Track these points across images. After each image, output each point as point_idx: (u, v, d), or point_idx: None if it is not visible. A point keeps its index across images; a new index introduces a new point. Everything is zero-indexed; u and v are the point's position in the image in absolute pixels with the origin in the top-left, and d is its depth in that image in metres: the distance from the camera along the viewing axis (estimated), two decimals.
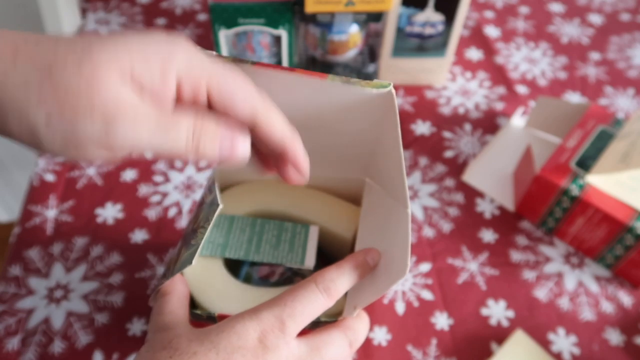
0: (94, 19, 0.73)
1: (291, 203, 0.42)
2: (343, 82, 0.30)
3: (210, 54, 0.29)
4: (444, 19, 0.58)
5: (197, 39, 0.71)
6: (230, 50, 0.60)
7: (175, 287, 0.34)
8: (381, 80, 0.31)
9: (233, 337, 0.28)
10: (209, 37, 0.71)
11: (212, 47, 0.69)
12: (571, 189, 0.47)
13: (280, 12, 0.56)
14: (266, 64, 0.31)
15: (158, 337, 0.30)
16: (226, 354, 0.28)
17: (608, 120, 0.53)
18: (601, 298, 0.48)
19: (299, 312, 0.30)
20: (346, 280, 0.33)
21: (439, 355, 0.44)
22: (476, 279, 0.49)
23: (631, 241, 0.46)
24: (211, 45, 0.69)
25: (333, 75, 0.31)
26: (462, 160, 0.58)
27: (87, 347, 0.44)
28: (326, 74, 0.31)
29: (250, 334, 0.29)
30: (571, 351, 0.45)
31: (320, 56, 0.61)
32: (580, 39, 0.73)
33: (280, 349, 0.29)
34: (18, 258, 0.49)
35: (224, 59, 0.31)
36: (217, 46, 0.58)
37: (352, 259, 0.34)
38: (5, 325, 0.45)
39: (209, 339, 0.29)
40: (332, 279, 0.32)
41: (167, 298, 0.33)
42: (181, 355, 0.28)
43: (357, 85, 0.30)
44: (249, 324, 0.29)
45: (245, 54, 0.60)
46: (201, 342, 0.28)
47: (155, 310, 0.33)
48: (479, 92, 0.65)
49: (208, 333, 0.29)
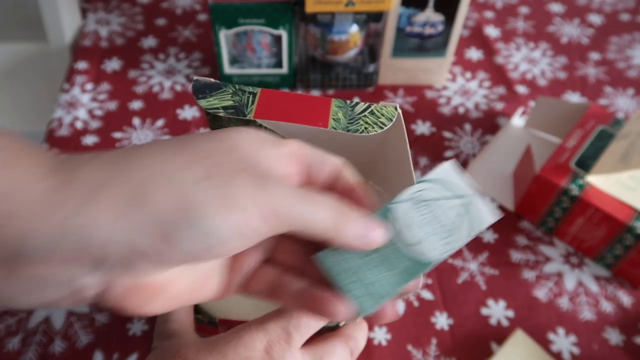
0: (94, 19, 0.73)
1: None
2: (347, 127, 0.29)
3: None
4: (444, 19, 0.58)
5: (197, 39, 0.71)
6: (231, 50, 0.60)
7: None
8: (387, 106, 0.30)
9: (240, 348, 0.29)
10: (209, 37, 0.71)
11: (212, 47, 0.69)
12: (571, 188, 0.47)
13: (280, 12, 0.56)
14: (266, 107, 0.30)
15: (166, 346, 0.30)
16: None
17: (608, 120, 0.53)
18: (601, 298, 0.48)
19: (304, 323, 0.30)
20: None
21: (439, 355, 0.44)
22: (476, 278, 0.49)
23: (631, 241, 0.46)
24: (211, 45, 0.69)
25: (336, 113, 0.30)
26: (462, 160, 0.58)
27: (87, 347, 0.44)
28: (327, 112, 0.30)
29: (257, 345, 0.29)
30: (571, 351, 0.45)
31: (320, 56, 0.61)
32: (580, 39, 0.73)
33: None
34: None
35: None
36: (218, 46, 0.59)
37: None
38: (6, 325, 0.45)
39: (217, 349, 0.29)
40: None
41: None
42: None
43: (361, 130, 0.29)
44: (255, 335, 0.29)
45: (245, 54, 0.60)
46: (209, 352, 0.29)
47: (161, 318, 0.33)
48: (479, 92, 0.65)
49: (215, 343, 0.29)
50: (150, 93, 0.64)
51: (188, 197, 0.22)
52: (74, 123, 0.60)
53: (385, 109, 0.30)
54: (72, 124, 0.60)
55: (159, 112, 0.62)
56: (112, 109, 0.62)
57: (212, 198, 0.22)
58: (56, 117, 0.61)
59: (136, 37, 0.71)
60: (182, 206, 0.22)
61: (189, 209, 0.22)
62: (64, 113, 0.61)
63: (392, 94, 0.65)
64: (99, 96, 0.63)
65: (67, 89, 0.64)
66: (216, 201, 0.22)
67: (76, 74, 0.65)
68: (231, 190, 0.23)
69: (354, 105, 0.30)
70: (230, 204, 0.22)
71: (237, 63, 0.61)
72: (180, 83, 0.65)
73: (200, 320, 0.34)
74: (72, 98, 0.63)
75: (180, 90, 0.64)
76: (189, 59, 0.68)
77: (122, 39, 0.70)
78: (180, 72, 0.66)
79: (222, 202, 0.22)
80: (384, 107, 0.30)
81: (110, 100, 0.63)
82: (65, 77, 0.66)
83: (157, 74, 0.66)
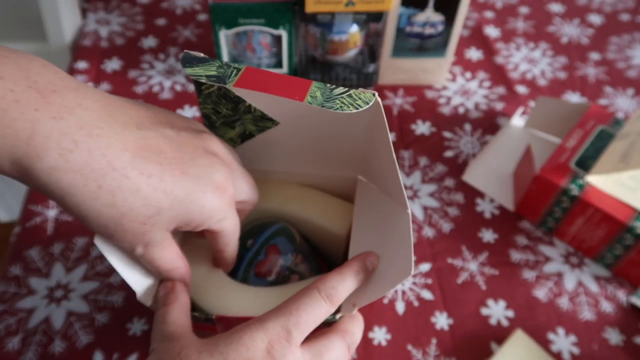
0: (94, 19, 0.73)
1: (284, 200, 0.42)
2: (322, 103, 0.30)
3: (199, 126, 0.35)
4: (444, 19, 0.58)
5: (197, 39, 0.71)
6: (230, 50, 0.60)
7: (177, 297, 0.34)
8: (365, 92, 0.30)
9: (241, 348, 0.29)
10: (209, 37, 0.71)
11: (212, 47, 0.69)
12: (571, 188, 0.47)
13: (280, 12, 0.56)
14: (248, 79, 0.31)
15: (165, 348, 0.30)
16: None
17: (608, 120, 0.53)
18: (601, 298, 0.48)
19: (303, 321, 0.31)
20: (347, 285, 0.34)
21: (439, 355, 0.44)
22: (476, 278, 0.49)
23: (631, 241, 0.46)
24: (211, 45, 0.69)
25: (314, 91, 0.30)
26: (462, 160, 0.58)
27: (87, 346, 0.44)
28: (306, 90, 0.30)
29: (258, 344, 0.29)
30: (571, 351, 0.45)
31: (320, 56, 0.61)
32: (580, 39, 0.73)
33: (287, 358, 0.30)
34: (18, 258, 0.49)
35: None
36: (218, 46, 0.59)
37: (352, 265, 0.35)
38: (6, 324, 0.45)
39: (218, 350, 0.29)
40: (334, 286, 0.33)
41: (170, 307, 0.33)
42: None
43: (336, 107, 0.30)
44: (255, 334, 0.30)
45: (245, 54, 0.60)
46: (211, 354, 0.29)
47: (158, 320, 0.33)
48: (478, 92, 0.65)
49: (216, 344, 0.29)
50: (150, 93, 0.64)
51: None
52: None
53: (363, 94, 0.30)
54: None
55: None
56: None
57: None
58: None
59: (136, 37, 0.71)
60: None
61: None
62: None
63: (392, 94, 0.65)
64: None
65: None
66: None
67: (76, 74, 0.65)
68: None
69: (333, 88, 0.31)
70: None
71: (237, 63, 0.61)
72: (180, 83, 0.65)
73: (197, 317, 0.35)
74: None
75: (180, 90, 0.64)
76: None
77: (122, 39, 0.70)
78: (180, 72, 0.66)
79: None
80: (362, 92, 0.30)
81: None
82: None
83: (157, 74, 0.66)
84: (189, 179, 0.31)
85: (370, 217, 0.39)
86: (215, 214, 0.32)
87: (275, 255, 0.39)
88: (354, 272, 0.34)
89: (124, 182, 0.28)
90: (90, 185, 0.27)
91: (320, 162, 0.41)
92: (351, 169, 0.41)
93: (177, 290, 0.35)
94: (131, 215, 0.29)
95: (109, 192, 0.28)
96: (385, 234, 0.36)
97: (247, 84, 0.31)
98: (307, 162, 0.41)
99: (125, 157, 0.28)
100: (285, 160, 0.42)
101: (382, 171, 0.37)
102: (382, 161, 0.36)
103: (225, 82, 0.31)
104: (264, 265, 0.39)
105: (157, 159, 0.30)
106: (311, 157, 0.41)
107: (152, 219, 0.30)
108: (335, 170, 0.42)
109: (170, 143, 0.31)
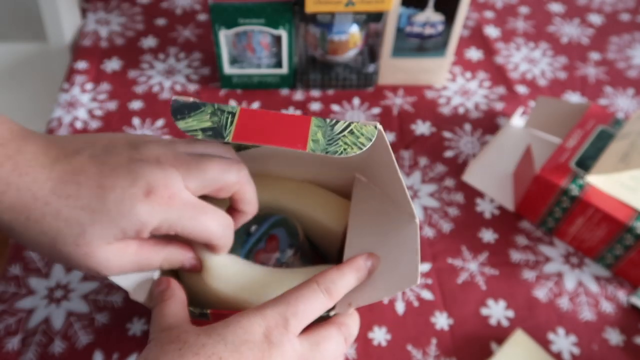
0: (94, 19, 0.73)
1: (281, 194, 0.43)
2: (326, 148, 0.29)
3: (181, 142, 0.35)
4: (444, 19, 0.58)
5: (197, 39, 0.71)
6: (231, 50, 0.60)
7: (173, 293, 0.35)
8: (367, 125, 0.30)
9: (239, 330, 0.30)
10: (209, 37, 0.71)
11: (212, 47, 0.69)
12: (571, 189, 0.47)
13: (280, 12, 0.56)
14: (246, 129, 0.30)
15: (164, 335, 0.31)
16: (234, 346, 0.29)
17: (608, 120, 0.53)
18: (601, 298, 0.48)
19: (301, 311, 0.31)
20: (346, 282, 0.34)
21: (439, 355, 0.44)
22: (476, 278, 0.49)
23: (631, 241, 0.46)
24: (211, 45, 0.69)
25: (315, 133, 0.30)
26: (462, 160, 0.58)
27: (87, 347, 0.44)
28: (306, 132, 0.29)
29: (256, 329, 0.30)
30: (571, 351, 0.45)
31: (320, 56, 0.61)
32: (580, 39, 0.73)
33: (284, 345, 0.30)
34: (18, 258, 0.49)
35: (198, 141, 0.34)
36: (217, 46, 0.59)
37: (352, 263, 0.35)
38: (5, 325, 0.45)
39: (217, 332, 0.30)
40: (333, 280, 0.33)
41: (167, 303, 0.34)
42: (190, 347, 0.29)
43: (341, 152, 0.29)
44: (254, 319, 0.30)
45: (245, 54, 0.60)
46: (209, 335, 0.29)
47: (157, 314, 0.33)
48: (478, 92, 0.65)
49: (214, 327, 0.30)
50: (150, 93, 0.64)
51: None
52: (74, 123, 0.60)
53: (365, 127, 0.30)
54: (72, 123, 0.60)
55: (159, 112, 0.62)
56: (111, 109, 0.62)
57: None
58: (56, 117, 0.61)
59: (136, 37, 0.71)
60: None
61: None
62: (64, 113, 0.61)
63: (392, 94, 0.65)
64: (99, 96, 0.63)
65: (67, 89, 0.64)
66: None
67: (76, 74, 0.65)
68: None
69: (333, 124, 0.30)
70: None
71: (237, 63, 0.61)
72: (180, 83, 0.65)
73: (192, 312, 0.35)
74: (72, 98, 0.63)
75: (180, 90, 0.64)
76: (189, 59, 0.68)
77: (122, 38, 0.70)
78: (180, 72, 0.66)
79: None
80: (364, 127, 0.30)
81: (110, 100, 0.63)
82: (65, 77, 0.66)
83: (157, 74, 0.66)
84: (108, 190, 0.30)
85: (369, 217, 0.39)
86: (148, 218, 0.31)
87: (274, 247, 0.39)
88: (354, 270, 0.35)
89: (45, 210, 0.30)
90: (20, 219, 0.30)
91: (317, 160, 0.41)
92: (348, 168, 0.41)
93: (173, 287, 0.35)
94: (60, 239, 0.30)
95: (36, 222, 0.30)
96: (387, 238, 0.37)
97: (245, 134, 0.30)
98: (305, 161, 0.42)
99: (47, 186, 0.30)
100: (281, 162, 0.42)
101: (383, 176, 0.37)
102: (385, 172, 0.36)
103: (223, 135, 0.30)
104: (262, 255, 0.39)
105: (77, 180, 0.31)
106: (309, 157, 0.41)
107: (82, 239, 0.30)
108: (333, 169, 0.42)
109: (94, 160, 0.31)
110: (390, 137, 0.60)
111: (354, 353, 0.44)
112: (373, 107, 0.63)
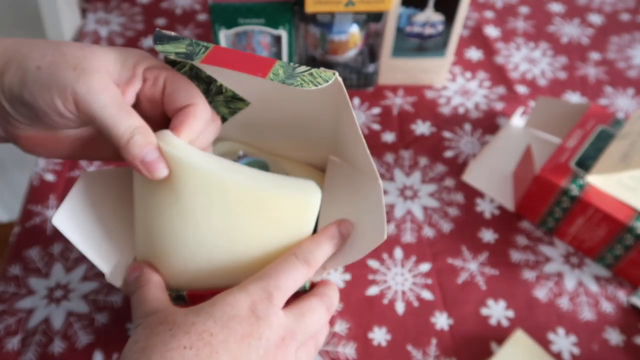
0: (94, 19, 0.73)
1: (265, 156, 0.44)
2: (284, 80, 0.31)
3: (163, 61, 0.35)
4: (444, 19, 0.58)
5: (197, 39, 0.70)
6: None
7: (150, 277, 0.35)
8: (327, 71, 0.31)
9: (226, 307, 0.30)
10: (209, 37, 0.71)
11: None
12: (571, 189, 0.47)
13: (280, 12, 0.56)
14: (216, 57, 0.32)
15: (151, 319, 0.31)
16: (223, 321, 0.30)
17: (608, 120, 0.53)
18: (601, 298, 0.48)
19: (283, 283, 0.32)
20: (323, 250, 0.35)
21: (439, 355, 0.44)
22: (476, 279, 0.49)
23: (631, 241, 0.46)
24: None
25: (277, 69, 0.31)
26: (462, 160, 0.58)
27: (87, 347, 0.44)
28: (269, 68, 0.31)
29: (242, 304, 0.31)
30: (571, 351, 0.45)
31: (320, 56, 0.61)
32: (580, 39, 0.73)
33: (270, 317, 0.31)
34: (18, 258, 0.49)
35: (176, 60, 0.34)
36: None
37: (327, 231, 0.36)
38: (5, 325, 0.45)
39: (204, 310, 0.30)
40: (311, 250, 0.34)
41: (145, 288, 0.34)
42: (180, 326, 0.29)
43: (297, 84, 0.30)
44: (238, 296, 0.31)
45: None
46: (197, 314, 0.30)
47: (137, 300, 0.34)
48: (478, 92, 0.65)
49: (201, 306, 0.31)
50: None
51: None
52: None
53: (324, 72, 0.31)
54: None
55: None
56: None
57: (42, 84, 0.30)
58: None
59: (136, 37, 0.71)
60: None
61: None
62: None
63: (392, 94, 0.65)
64: None
65: None
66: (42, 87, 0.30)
67: None
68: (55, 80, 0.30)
69: (296, 66, 0.31)
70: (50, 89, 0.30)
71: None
72: None
73: (168, 295, 0.35)
74: None
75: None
76: None
77: (122, 39, 0.70)
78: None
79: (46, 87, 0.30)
80: (324, 72, 0.31)
81: None
82: None
83: None
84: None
85: (340, 191, 0.40)
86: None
87: None
88: (329, 237, 0.36)
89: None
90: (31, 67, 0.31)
91: (292, 142, 0.42)
92: (323, 150, 0.42)
93: (147, 272, 0.35)
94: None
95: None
96: (357, 205, 0.38)
97: (214, 60, 0.32)
98: (279, 143, 0.42)
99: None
100: (258, 142, 0.43)
101: (351, 149, 0.38)
102: (350, 139, 0.37)
103: (193, 58, 0.32)
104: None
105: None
106: (283, 138, 0.42)
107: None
108: (308, 151, 0.43)
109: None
110: (390, 137, 0.60)
111: (354, 353, 0.44)
112: (373, 107, 0.63)
